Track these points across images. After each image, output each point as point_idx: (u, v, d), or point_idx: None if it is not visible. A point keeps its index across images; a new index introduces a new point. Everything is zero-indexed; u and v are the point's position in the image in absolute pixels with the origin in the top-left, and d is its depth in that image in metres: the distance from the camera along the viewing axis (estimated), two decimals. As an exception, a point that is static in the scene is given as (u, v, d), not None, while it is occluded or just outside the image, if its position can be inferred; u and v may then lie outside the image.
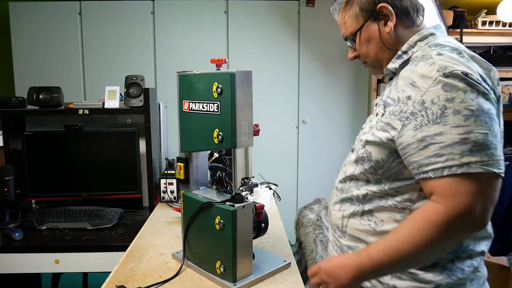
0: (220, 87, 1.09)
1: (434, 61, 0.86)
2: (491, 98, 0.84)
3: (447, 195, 0.81)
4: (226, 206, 1.14)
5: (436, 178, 0.82)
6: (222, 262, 1.15)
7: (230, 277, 1.14)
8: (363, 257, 0.90)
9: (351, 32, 1.03)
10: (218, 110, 1.11)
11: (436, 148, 0.82)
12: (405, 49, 0.98)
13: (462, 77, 0.81)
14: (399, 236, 0.86)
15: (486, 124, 0.80)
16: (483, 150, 0.79)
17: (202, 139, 1.18)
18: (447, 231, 0.81)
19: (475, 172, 0.79)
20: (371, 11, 0.98)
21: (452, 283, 0.92)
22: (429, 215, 0.82)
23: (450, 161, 0.80)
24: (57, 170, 2.02)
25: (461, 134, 0.80)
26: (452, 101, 0.81)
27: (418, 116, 0.85)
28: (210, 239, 1.18)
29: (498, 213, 2.42)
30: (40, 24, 3.11)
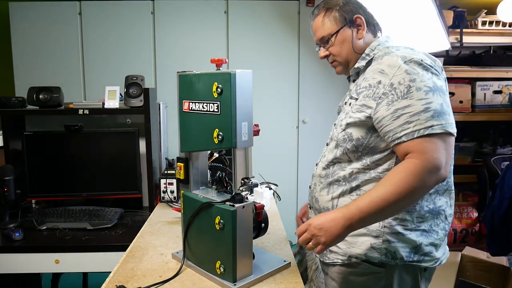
0: (220, 87, 1.10)
1: (396, 54, 1.10)
2: (442, 77, 1.09)
3: (421, 152, 1.00)
4: (226, 206, 1.14)
5: (409, 140, 1.01)
6: (222, 262, 1.15)
7: (230, 277, 1.14)
8: (352, 208, 1.02)
9: (329, 33, 1.22)
10: (218, 110, 1.11)
11: (406, 117, 1.02)
12: (368, 52, 1.21)
13: (419, 62, 1.06)
14: (384, 187, 1.01)
15: (440, 97, 1.03)
16: (441, 116, 1.01)
17: (202, 139, 1.18)
18: (422, 180, 0.99)
19: (437, 132, 1.00)
20: (349, 20, 1.21)
21: (430, 243, 1.13)
22: (409, 167, 1.00)
23: (418, 125, 1.01)
24: (57, 170, 2.02)
25: (424, 104, 1.01)
26: (414, 81, 1.03)
27: (389, 95, 1.05)
28: (210, 239, 1.18)
29: (498, 213, 2.41)
30: (40, 24, 3.11)
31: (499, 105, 3.06)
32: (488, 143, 3.26)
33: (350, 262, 1.15)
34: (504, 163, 2.88)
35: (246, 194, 1.18)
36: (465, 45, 2.89)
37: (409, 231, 1.11)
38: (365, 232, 1.13)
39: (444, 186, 1.16)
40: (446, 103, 1.04)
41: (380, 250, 1.11)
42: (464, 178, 3.08)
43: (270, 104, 3.29)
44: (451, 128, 1.02)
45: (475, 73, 3.01)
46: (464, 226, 3.15)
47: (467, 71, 3.02)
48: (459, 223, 3.17)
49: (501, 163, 2.91)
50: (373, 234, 1.12)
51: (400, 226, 1.11)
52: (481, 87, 3.03)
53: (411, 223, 1.11)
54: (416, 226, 1.12)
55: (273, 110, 3.30)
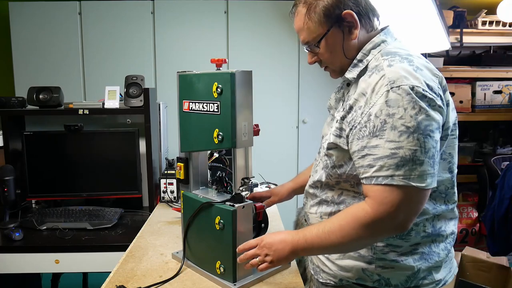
0: (220, 87, 1.10)
1: (384, 73, 0.91)
2: (436, 107, 0.89)
3: (376, 201, 0.90)
4: (226, 206, 1.14)
5: (368, 184, 0.91)
6: (222, 262, 1.15)
7: (230, 277, 1.14)
8: (299, 236, 0.99)
9: (315, 38, 1.02)
10: (218, 110, 1.11)
11: (370, 159, 0.90)
12: (360, 57, 1.01)
13: (408, 92, 0.86)
14: (331, 226, 0.95)
15: (417, 141, 0.86)
16: (407, 165, 0.86)
17: (202, 139, 1.18)
18: (370, 231, 0.91)
19: (397, 184, 0.87)
20: (336, 18, 0.98)
21: (430, 266, 1.02)
22: (359, 215, 0.91)
23: (378, 172, 0.89)
24: (57, 170, 2.02)
25: (392, 149, 0.87)
26: (392, 116, 0.87)
27: (363, 127, 0.92)
28: (210, 239, 1.18)
29: (498, 213, 2.41)
30: (40, 24, 3.11)
31: (499, 105, 3.06)
32: (488, 143, 3.26)
33: (342, 284, 1.07)
34: (504, 163, 2.88)
35: (246, 194, 1.18)
36: (465, 45, 2.89)
37: (405, 257, 1.00)
38: (356, 256, 1.03)
39: (446, 210, 1.04)
40: (423, 150, 0.86)
41: (372, 276, 1.02)
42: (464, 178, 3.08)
43: (270, 104, 3.29)
44: (419, 181, 0.86)
45: (475, 73, 3.01)
46: (464, 226, 3.15)
47: (467, 71, 3.02)
48: (459, 223, 3.17)
49: (501, 163, 2.91)
50: (365, 259, 1.02)
51: (394, 252, 1.00)
52: (481, 87, 3.03)
53: (406, 249, 1.00)
54: (412, 250, 1.00)
55: (273, 110, 3.29)
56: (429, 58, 2.78)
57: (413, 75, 0.88)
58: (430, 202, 0.99)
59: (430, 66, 0.95)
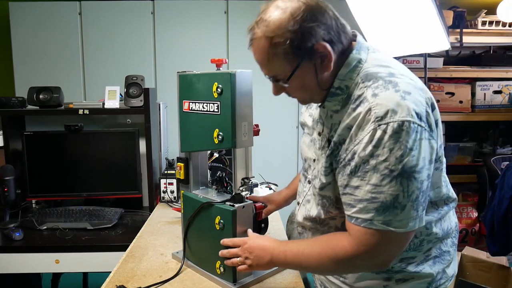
0: (220, 87, 1.10)
1: (370, 106, 0.83)
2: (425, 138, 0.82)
3: (355, 241, 0.88)
4: (226, 206, 1.14)
5: (349, 222, 0.89)
6: (222, 262, 1.15)
7: (230, 277, 1.14)
8: (280, 250, 1.00)
9: (281, 76, 0.90)
10: (218, 110, 1.11)
11: (351, 198, 0.87)
12: (337, 85, 0.91)
13: (396, 130, 0.79)
14: (310, 250, 0.95)
15: (400, 186, 0.81)
16: (387, 211, 0.83)
17: (202, 139, 1.18)
18: (347, 267, 0.94)
19: (376, 228, 0.84)
20: (306, 51, 0.85)
21: (445, 266, 1.02)
22: (337, 251, 0.90)
23: (358, 213, 0.86)
24: (57, 170, 2.02)
25: (373, 193, 0.83)
26: (377, 157, 0.81)
27: (347, 164, 0.87)
28: (210, 239, 1.18)
29: (498, 213, 2.41)
30: (40, 24, 3.11)
31: (499, 105, 3.06)
32: (488, 143, 3.26)
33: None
34: (504, 163, 2.88)
35: (246, 194, 1.18)
36: (465, 45, 2.89)
37: (421, 265, 0.98)
38: (373, 276, 0.98)
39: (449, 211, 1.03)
40: (405, 194, 0.81)
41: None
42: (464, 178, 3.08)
43: (270, 104, 3.29)
44: (400, 226, 0.83)
45: (475, 73, 3.01)
46: (464, 226, 3.15)
47: (467, 71, 3.02)
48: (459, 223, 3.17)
49: (501, 163, 2.91)
50: (383, 276, 0.98)
51: (411, 265, 0.97)
52: (481, 87, 3.03)
53: (419, 257, 0.98)
54: (426, 257, 0.99)
55: (273, 110, 3.29)
56: (429, 58, 2.79)
57: (401, 106, 0.80)
58: (434, 211, 0.98)
59: (415, 82, 0.88)
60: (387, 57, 0.94)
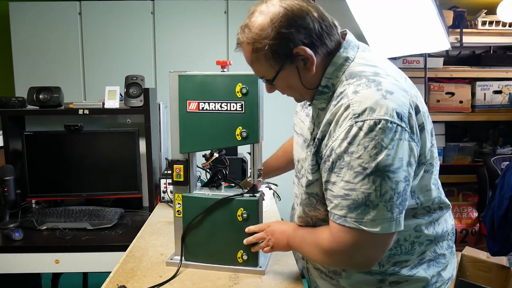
0: (246, 87, 1.17)
1: (348, 103, 0.83)
2: (405, 139, 0.81)
3: (332, 236, 0.90)
4: (248, 197, 1.23)
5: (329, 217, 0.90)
6: (245, 250, 1.23)
7: (254, 262, 1.24)
8: (294, 235, 1.09)
9: (267, 77, 0.94)
10: (242, 109, 1.19)
11: (329, 194, 0.89)
12: (324, 83, 0.92)
13: (372, 128, 0.79)
14: (306, 238, 1.03)
15: (373, 184, 0.80)
16: (359, 208, 0.82)
17: (220, 137, 1.22)
18: (329, 260, 0.95)
19: (349, 226, 0.84)
20: (286, 56, 0.88)
21: (440, 270, 1.01)
22: (320, 242, 0.94)
23: (334, 209, 0.87)
24: (57, 170, 2.02)
25: (346, 190, 0.83)
26: (351, 154, 0.81)
27: (326, 160, 0.88)
28: (230, 232, 1.24)
29: (498, 213, 2.41)
30: (40, 24, 3.11)
31: (499, 105, 3.06)
32: (488, 143, 3.26)
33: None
34: (504, 163, 2.88)
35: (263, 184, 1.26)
36: (465, 45, 2.90)
37: (416, 269, 0.97)
38: (366, 278, 0.98)
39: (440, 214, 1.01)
40: (378, 193, 0.80)
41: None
42: (464, 178, 3.08)
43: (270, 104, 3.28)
44: (371, 225, 0.81)
45: (475, 73, 3.01)
46: (464, 226, 3.15)
47: (467, 71, 3.02)
48: (459, 223, 3.17)
49: (501, 163, 2.91)
50: (377, 277, 0.97)
51: (405, 268, 0.96)
52: (481, 87, 3.03)
53: (413, 261, 0.97)
54: (420, 260, 0.97)
55: (273, 110, 3.29)
56: (429, 58, 2.79)
57: (380, 105, 0.80)
58: (425, 214, 0.97)
59: (400, 84, 0.86)
60: (376, 57, 0.94)
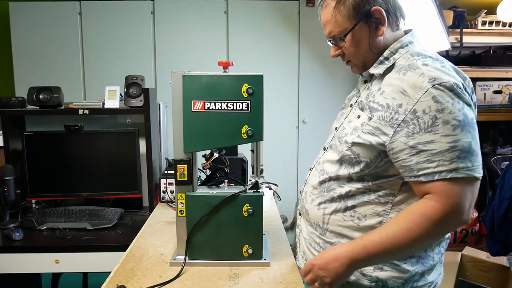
0: (251, 87, 1.21)
1: (422, 71, 0.92)
2: (473, 104, 0.95)
3: (443, 195, 0.90)
4: (252, 193, 1.28)
5: (428, 182, 0.91)
6: (251, 244, 1.28)
7: (259, 255, 1.29)
8: (358, 248, 0.97)
9: (341, 31, 1.02)
10: (248, 108, 1.22)
11: (427, 154, 0.90)
12: (387, 55, 1.02)
13: (451, 88, 0.90)
14: (396, 230, 0.94)
15: (470, 133, 0.90)
16: (468, 157, 0.89)
17: (226, 136, 1.25)
18: (442, 226, 0.92)
19: (461, 177, 0.89)
20: (364, 13, 0.99)
21: (424, 270, 1.04)
22: (427, 212, 0.91)
23: (440, 167, 0.89)
24: (57, 170, 2.01)
25: (450, 142, 0.88)
26: (442, 111, 0.89)
27: (410, 124, 0.91)
28: (236, 227, 1.29)
29: (498, 213, 2.41)
30: (40, 24, 3.11)
31: (499, 105, 3.06)
32: (488, 143, 3.26)
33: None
34: (504, 163, 2.88)
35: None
36: (465, 45, 2.89)
37: (404, 260, 1.02)
38: None
39: None
40: (475, 141, 0.90)
41: (370, 278, 1.03)
42: (464, 178, 3.07)
43: (270, 104, 3.29)
44: (478, 172, 0.90)
45: (475, 73, 3.01)
46: (464, 226, 3.15)
47: (467, 71, 3.01)
48: (459, 223, 3.17)
49: (501, 163, 2.91)
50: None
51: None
52: (481, 87, 3.03)
53: None
54: (410, 255, 1.03)
55: (273, 110, 3.30)
56: (429, 58, 2.79)
57: (450, 74, 0.92)
58: None
59: (457, 69, 0.99)
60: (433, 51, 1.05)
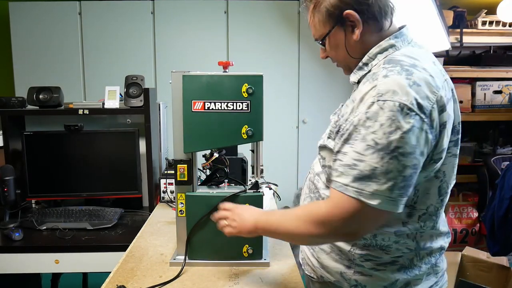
0: (252, 87, 1.22)
1: (376, 84, 0.87)
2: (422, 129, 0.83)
3: (332, 202, 0.91)
4: (252, 193, 1.27)
5: (331, 187, 0.92)
6: (251, 244, 1.28)
7: (260, 255, 1.29)
8: (263, 216, 1.08)
9: (320, 36, 1.03)
10: (248, 108, 1.23)
11: (337, 163, 0.92)
12: (366, 61, 0.98)
13: (391, 108, 0.82)
14: (291, 214, 1.01)
15: (381, 160, 0.83)
16: (363, 180, 0.85)
17: (226, 136, 1.25)
18: (319, 229, 0.92)
19: (349, 195, 0.87)
20: (338, 17, 0.96)
21: (409, 279, 0.98)
22: (313, 210, 0.96)
23: (338, 177, 0.90)
24: (57, 170, 2.01)
25: (355, 160, 0.87)
26: (367, 128, 0.85)
27: (342, 132, 0.92)
28: None
29: (498, 213, 2.41)
30: (40, 24, 3.11)
31: (499, 105, 3.06)
32: (488, 143, 3.26)
33: (323, 281, 1.08)
34: (504, 163, 2.88)
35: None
36: (465, 45, 2.89)
37: (383, 267, 0.97)
38: (337, 258, 1.03)
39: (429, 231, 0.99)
40: (384, 170, 0.83)
41: (349, 281, 1.01)
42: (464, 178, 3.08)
43: (270, 104, 3.29)
44: (370, 198, 0.84)
45: (475, 73, 3.01)
46: (464, 226, 3.15)
47: (467, 71, 3.02)
48: (459, 223, 3.17)
49: (501, 163, 2.91)
50: (345, 263, 1.01)
51: (372, 262, 0.98)
52: (481, 87, 3.03)
53: (385, 260, 0.98)
54: (392, 262, 0.97)
55: (273, 110, 3.30)
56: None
57: (405, 91, 0.83)
58: (416, 222, 0.96)
59: (435, 81, 0.87)
60: (424, 54, 0.96)
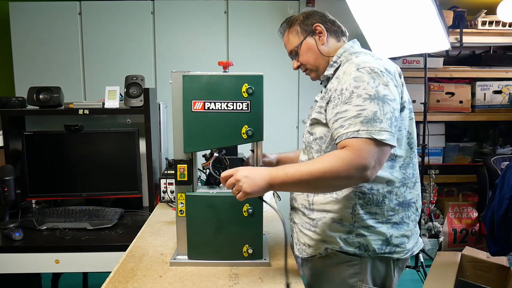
0: (251, 87, 1.22)
1: (353, 61, 1.18)
2: (392, 85, 1.12)
3: (353, 147, 1.06)
4: None
5: (342, 140, 1.09)
6: (251, 244, 1.28)
7: (260, 255, 1.29)
8: (279, 170, 1.10)
9: (295, 45, 1.33)
10: (248, 108, 1.24)
11: (341, 120, 1.11)
12: (335, 59, 1.28)
13: (369, 71, 1.12)
14: (313, 163, 1.09)
15: (377, 105, 1.08)
16: (370, 123, 1.07)
17: (226, 136, 1.25)
18: (349, 169, 1.04)
19: (362, 137, 1.06)
20: (309, 30, 1.32)
21: (401, 234, 1.21)
22: (341, 155, 1.07)
23: (347, 129, 1.08)
24: (57, 170, 2.02)
25: (358, 110, 1.09)
26: (358, 88, 1.11)
27: (336, 99, 1.15)
28: (237, 227, 1.28)
29: (498, 213, 2.41)
30: (40, 24, 3.11)
31: (499, 105, 3.06)
32: (488, 143, 3.26)
33: (327, 253, 1.22)
34: (504, 163, 2.89)
35: None
36: (465, 45, 2.90)
37: (381, 224, 1.20)
38: (338, 228, 1.21)
39: (412, 179, 1.24)
40: (382, 112, 1.08)
41: (353, 243, 1.19)
42: (464, 178, 3.08)
43: (270, 104, 3.29)
44: (379, 135, 1.06)
45: (475, 73, 3.02)
46: (464, 226, 3.16)
47: (467, 71, 3.02)
48: (459, 223, 3.17)
49: (501, 163, 2.92)
50: (346, 229, 1.20)
51: (372, 220, 1.19)
52: (481, 87, 3.03)
53: (382, 217, 1.20)
54: (387, 219, 1.20)
55: (273, 110, 3.30)
56: (429, 58, 2.79)
57: (374, 62, 1.15)
58: (398, 171, 1.20)
59: (389, 61, 1.20)
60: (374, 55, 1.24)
